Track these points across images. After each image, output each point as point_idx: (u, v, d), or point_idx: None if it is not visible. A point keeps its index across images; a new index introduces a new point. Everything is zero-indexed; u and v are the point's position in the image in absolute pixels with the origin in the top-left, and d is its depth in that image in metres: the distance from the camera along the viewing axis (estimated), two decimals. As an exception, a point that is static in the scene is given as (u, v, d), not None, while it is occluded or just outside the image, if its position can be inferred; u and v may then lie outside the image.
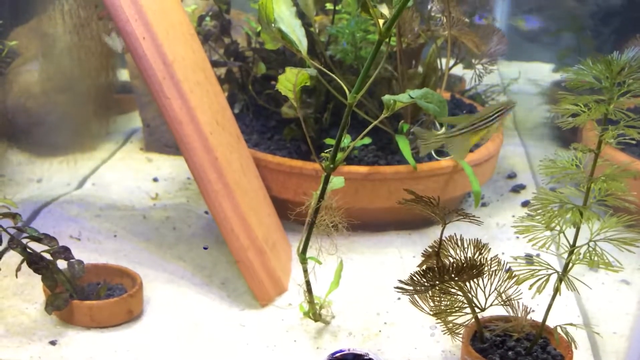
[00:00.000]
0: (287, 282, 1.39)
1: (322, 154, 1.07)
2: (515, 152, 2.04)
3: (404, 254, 1.50)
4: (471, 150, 1.62)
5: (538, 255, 1.37)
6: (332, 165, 1.05)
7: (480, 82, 1.81)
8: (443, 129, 1.50)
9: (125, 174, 1.85)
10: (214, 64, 1.78)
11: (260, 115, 1.80)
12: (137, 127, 2.13)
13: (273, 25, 1.04)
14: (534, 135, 2.16)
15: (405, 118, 1.62)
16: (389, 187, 1.54)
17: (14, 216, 1.11)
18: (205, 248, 1.48)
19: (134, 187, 1.77)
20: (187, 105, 1.29)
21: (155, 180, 1.83)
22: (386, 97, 1.01)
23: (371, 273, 1.43)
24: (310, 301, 1.21)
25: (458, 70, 2.24)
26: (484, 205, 1.73)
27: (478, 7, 2.11)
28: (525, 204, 1.71)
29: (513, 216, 1.65)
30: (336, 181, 1.14)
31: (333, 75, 1.08)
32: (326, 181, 1.07)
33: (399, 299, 1.30)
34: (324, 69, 1.12)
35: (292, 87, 0.97)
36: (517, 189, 1.80)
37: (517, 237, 1.09)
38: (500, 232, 1.58)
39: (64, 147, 1.92)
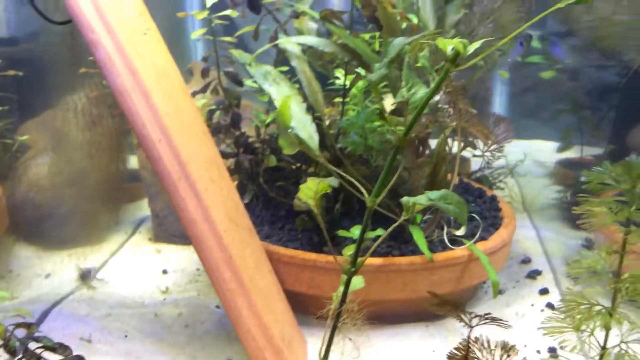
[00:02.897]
0: (304, 383, 1.34)
1: (343, 252, 1.06)
2: (527, 235, 2.02)
3: (422, 349, 1.45)
4: (484, 238, 1.60)
5: (562, 348, 1.33)
6: (353, 269, 1.03)
7: (490, 167, 1.82)
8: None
9: (135, 267, 1.83)
10: (224, 156, 1.80)
11: (270, 205, 1.80)
12: (146, 216, 2.12)
13: (290, 130, 1.05)
14: (545, 216, 2.15)
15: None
16: (403, 279, 1.51)
17: (29, 326, 1.08)
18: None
19: (143, 281, 1.74)
20: (201, 204, 1.29)
21: (164, 272, 1.80)
22: (405, 200, 1.01)
23: (390, 370, 1.38)
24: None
25: (464, 151, 2.27)
26: (500, 292, 1.69)
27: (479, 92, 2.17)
28: (543, 291, 1.68)
29: (532, 305, 1.61)
30: (356, 281, 1.12)
31: (344, 174, 1.08)
32: (347, 284, 1.05)
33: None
34: (331, 167, 1.13)
35: (313, 194, 0.97)
36: (533, 275, 1.78)
37: (538, 329, 1.06)
38: (521, 323, 1.54)
39: (73, 240, 1.90)
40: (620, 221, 0.88)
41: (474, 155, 2.10)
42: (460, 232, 1.55)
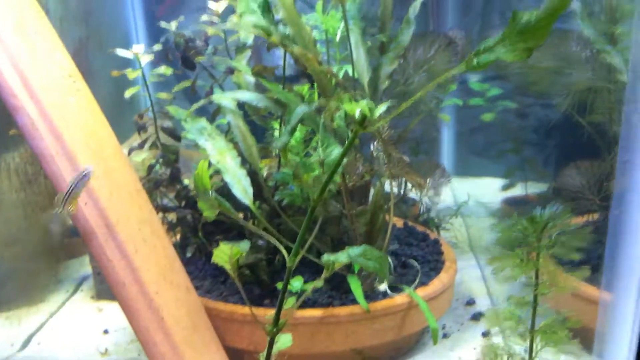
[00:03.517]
0: None
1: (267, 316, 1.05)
2: (473, 275, 2.05)
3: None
4: (425, 283, 1.62)
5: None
6: (275, 330, 1.02)
7: (429, 211, 1.85)
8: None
9: (74, 328, 1.78)
10: (165, 209, 1.79)
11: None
12: (89, 273, 2.08)
13: (210, 192, 1.05)
14: (489, 256, 2.18)
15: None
16: (345, 330, 1.50)
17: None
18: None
19: (83, 343, 1.69)
20: (131, 266, 1.27)
21: (105, 332, 1.76)
22: (325, 258, 1.01)
23: None
24: None
25: (412, 193, 2.30)
26: (445, 336, 1.70)
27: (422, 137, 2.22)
28: (485, 334, 1.69)
29: (475, 349, 1.62)
30: (283, 340, 1.11)
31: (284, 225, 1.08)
32: (270, 346, 1.04)
33: None
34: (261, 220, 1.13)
35: (227, 259, 0.97)
36: (477, 316, 1.79)
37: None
38: (463, 368, 1.54)
39: (11, 302, 1.84)
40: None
41: (420, 198, 2.13)
42: (383, 286, 1.56)
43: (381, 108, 0.93)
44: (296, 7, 2.49)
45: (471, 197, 2.34)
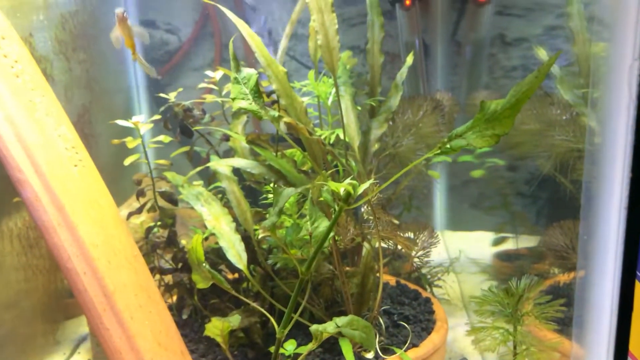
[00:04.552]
0: None
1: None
2: (465, 333, 2.06)
3: None
4: (416, 345, 1.64)
5: None
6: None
7: (420, 268, 1.89)
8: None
9: (71, 391, 1.79)
10: (163, 272, 1.83)
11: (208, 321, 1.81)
12: (86, 333, 2.10)
13: (204, 265, 1.11)
14: (482, 312, 2.20)
15: (347, 311, 1.66)
16: (337, 393, 1.52)
17: None
18: None
19: (78, 406, 1.70)
20: (127, 333, 1.31)
21: (101, 395, 1.77)
22: (313, 328, 1.06)
23: None
24: None
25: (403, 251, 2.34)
26: (437, 397, 1.71)
27: (413, 194, 2.28)
28: (476, 394, 1.71)
29: (466, 410, 1.63)
30: (275, 409, 1.14)
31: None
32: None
33: None
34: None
35: (219, 332, 1.01)
36: (469, 376, 1.81)
37: None
38: None
39: (8, 366, 1.86)
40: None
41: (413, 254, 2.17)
42: (370, 354, 1.58)
43: (363, 186, 0.99)
44: (292, 66, 2.60)
45: (463, 252, 2.38)
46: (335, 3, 1.61)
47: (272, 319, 1.05)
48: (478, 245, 2.61)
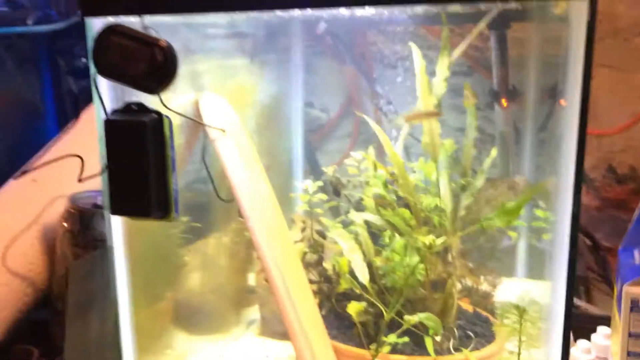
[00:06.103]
0: None
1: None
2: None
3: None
4: (478, 349, 2.42)
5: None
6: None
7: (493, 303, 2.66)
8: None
9: None
10: (310, 282, 2.78)
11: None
12: (257, 318, 3.09)
13: (346, 275, 2.01)
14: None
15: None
16: (420, 371, 2.35)
17: None
18: None
19: None
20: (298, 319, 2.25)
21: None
22: (406, 317, 1.92)
23: None
24: None
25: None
26: (491, 390, 2.46)
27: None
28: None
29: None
30: (380, 362, 2.01)
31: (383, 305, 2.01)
32: (373, 361, 1.94)
33: None
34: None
35: (355, 311, 1.90)
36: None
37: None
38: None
39: None
40: None
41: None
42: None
43: (440, 240, 1.84)
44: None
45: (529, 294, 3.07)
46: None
47: (384, 310, 1.90)
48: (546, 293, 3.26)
